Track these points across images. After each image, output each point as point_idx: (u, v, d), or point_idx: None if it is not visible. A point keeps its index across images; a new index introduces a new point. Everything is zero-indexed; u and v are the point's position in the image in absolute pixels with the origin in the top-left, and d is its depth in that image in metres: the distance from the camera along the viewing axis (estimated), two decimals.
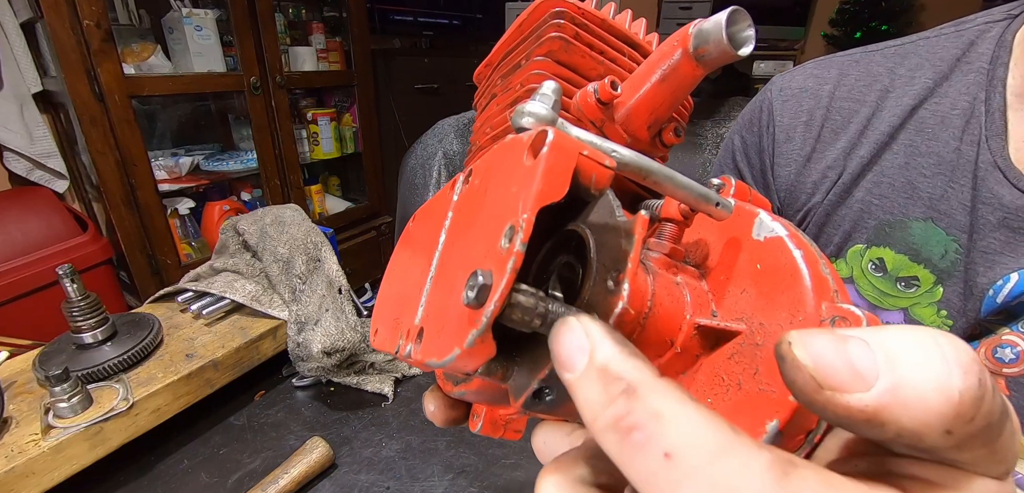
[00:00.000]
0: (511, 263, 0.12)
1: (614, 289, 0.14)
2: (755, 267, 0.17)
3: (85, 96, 1.37)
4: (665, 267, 0.18)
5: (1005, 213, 0.36)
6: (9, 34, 1.42)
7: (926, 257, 0.39)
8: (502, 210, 0.14)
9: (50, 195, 1.55)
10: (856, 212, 0.43)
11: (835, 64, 0.47)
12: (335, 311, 0.70)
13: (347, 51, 2.08)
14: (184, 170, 1.74)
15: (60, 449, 0.51)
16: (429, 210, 0.21)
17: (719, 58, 0.17)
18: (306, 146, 2.05)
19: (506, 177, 0.15)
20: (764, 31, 2.89)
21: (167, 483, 0.58)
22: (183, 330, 0.69)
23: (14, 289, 1.31)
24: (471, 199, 0.17)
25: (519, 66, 0.22)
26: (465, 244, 0.16)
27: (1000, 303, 0.36)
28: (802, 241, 0.17)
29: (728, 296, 0.18)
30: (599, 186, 0.14)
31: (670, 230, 0.18)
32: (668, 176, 0.17)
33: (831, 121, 0.45)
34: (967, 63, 0.40)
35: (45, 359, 0.58)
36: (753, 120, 0.50)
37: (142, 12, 1.65)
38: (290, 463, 0.56)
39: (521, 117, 0.15)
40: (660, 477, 0.10)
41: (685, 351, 0.17)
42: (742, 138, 0.52)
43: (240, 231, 0.79)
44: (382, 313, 0.21)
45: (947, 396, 0.10)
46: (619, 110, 0.19)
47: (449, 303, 0.15)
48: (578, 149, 0.14)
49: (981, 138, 0.38)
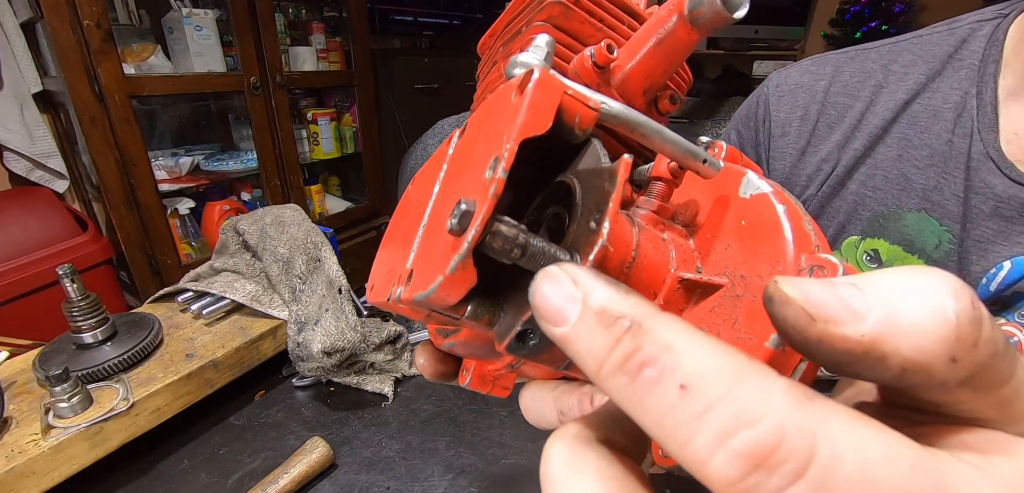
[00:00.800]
0: (492, 189, 0.13)
1: (595, 228, 0.14)
2: (740, 223, 0.17)
3: (85, 96, 1.37)
4: (653, 223, 0.18)
5: (997, 202, 0.37)
6: (9, 34, 1.42)
7: (920, 247, 0.40)
8: (489, 147, 0.14)
9: (50, 195, 1.55)
10: (850, 204, 0.43)
11: (830, 61, 0.48)
12: (335, 311, 0.70)
13: (347, 51, 2.08)
14: (184, 170, 1.74)
15: (60, 449, 0.51)
16: (427, 170, 0.21)
17: (713, 20, 0.17)
18: (306, 146, 2.05)
19: (495, 118, 0.15)
20: (764, 31, 2.89)
21: (167, 483, 0.58)
22: (183, 330, 0.69)
23: (14, 289, 1.31)
24: (464, 149, 0.18)
25: (520, 33, 0.22)
26: (457, 183, 0.16)
27: (994, 291, 0.36)
28: (786, 198, 0.17)
29: (714, 252, 0.18)
30: (583, 127, 0.15)
31: (659, 188, 0.19)
32: (656, 130, 0.17)
33: (826, 116, 0.46)
34: (959, 60, 0.41)
35: (45, 359, 0.58)
36: (750, 115, 0.51)
37: (142, 12, 1.64)
38: (290, 463, 0.56)
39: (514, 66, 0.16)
40: (678, 412, 0.09)
41: (668, 303, 0.17)
42: (739, 133, 0.53)
43: (240, 231, 0.79)
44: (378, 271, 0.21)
45: (944, 317, 0.10)
46: (615, 75, 0.20)
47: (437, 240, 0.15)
48: (563, 89, 0.14)
49: (973, 131, 0.38)
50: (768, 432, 0.09)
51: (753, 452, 0.09)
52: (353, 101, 2.14)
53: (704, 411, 0.09)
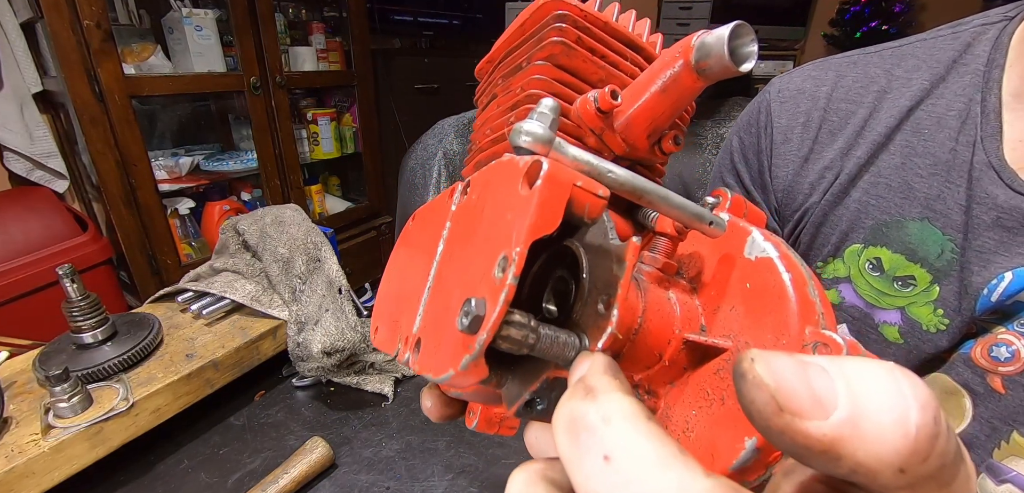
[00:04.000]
0: (503, 295, 0.13)
1: (604, 313, 0.14)
2: (745, 286, 0.17)
3: (85, 96, 1.37)
4: (657, 281, 0.18)
5: (999, 213, 0.36)
6: (9, 34, 1.42)
7: (923, 256, 0.40)
8: (497, 235, 0.14)
9: (50, 195, 1.55)
10: (853, 212, 0.43)
11: (833, 66, 0.48)
12: (335, 311, 0.70)
13: (347, 51, 2.08)
14: (184, 170, 1.74)
15: (60, 449, 0.51)
16: (428, 213, 0.21)
17: (720, 73, 0.17)
18: (306, 146, 2.05)
19: (502, 201, 0.15)
20: (764, 31, 2.89)
21: (167, 483, 0.58)
22: (183, 330, 0.69)
23: (14, 289, 1.31)
24: (468, 213, 0.18)
25: (520, 68, 0.21)
26: (462, 260, 0.16)
27: (994, 302, 0.36)
28: (793, 263, 0.17)
29: (719, 312, 0.18)
30: (592, 216, 0.15)
31: (664, 245, 0.19)
32: (662, 197, 0.17)
33: (828, 122, 0.45)
34: (963, 65, 0.40)
35: (45, 359, 0.58)
36: (751, 122, 0.51)
37: (142, 12, 1.64)
38: (290, 463, 0.56)
39: (519, 136, 0.15)
40: (596, 479, 0.10)
41: (673, 364, 0.17)
42: (740, 139, 0.52)
43: (240, 231, 0.79)
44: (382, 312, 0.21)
45: (904, 430, 0.10)
46: (619, 118, 0.19)
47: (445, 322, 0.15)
48: (572, 180, 0.14)
49: (977, 139, 0.38)
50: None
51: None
52: (353, 101, 2.14)
53: (620, 486, 0.10)
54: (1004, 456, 0.37)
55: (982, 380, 0.37)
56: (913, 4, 2.62)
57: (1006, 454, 0.37)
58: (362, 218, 2.25)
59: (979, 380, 0.37)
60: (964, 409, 0.38)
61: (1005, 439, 0.37)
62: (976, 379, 0.38)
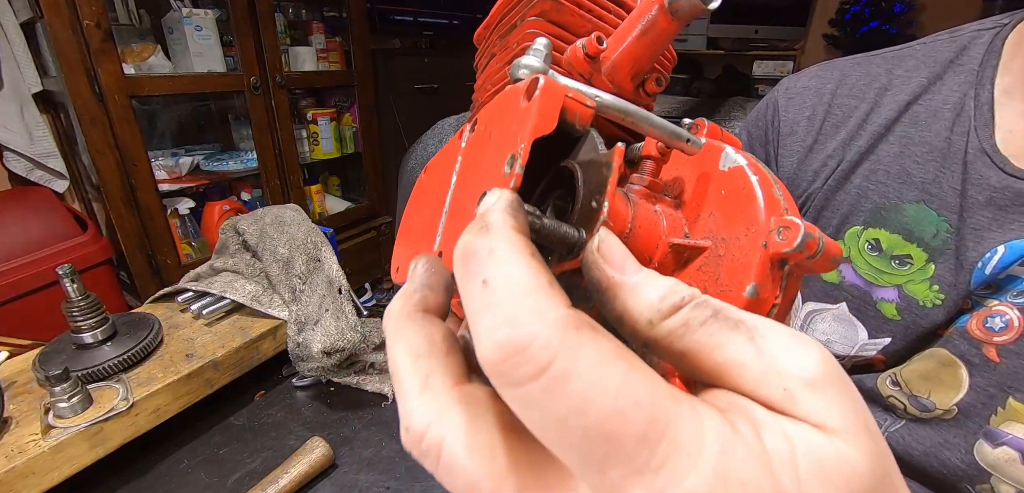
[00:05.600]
0: (512, 182, 0.15)
1: (597, 207, 0.17)
2: (720, 193, 0.20)
3: (85, 96, 1.37)
4: (645, 198, 0.21)
5: (992, 193, 0.39)
6: (9, 34, 1.42)
7: (919, 237, 0.42)
8: (504, 144, 0.17)
9: (50, 195, 1.55)
10: (853, 197, 0.46)
11: (838, 67, 0.51)
12: (335, 311, 0.70)
13: (347, 51, 2.08)
14: (184, 170, 1.74)
15: (60, 449, 0.51)
16: (439, 160, 0.23)
17: (691, 12, 0.19)
18: (306, 146, 2.05)
19: (506, 118, 0.17)
20: (764, 31, 2.89)
21: (167, 483, 0.58)
22: (183, 330, 0.69)
23: (14, 289, 1.31)
24: (478, 143, 0.20)
25: (515, 26, 0.24)
26: (475, 177, 0.19)
27: (988, 274, 0.39)
28: (759, 168, 0.19)
29: (699, 220, 0.21)
30: (583, 123, 0.17)
31: (649, 165, 0.21)
32: (644, 117, 0.19)
33: (832, 116, 0.49)
34: (959, 64, 0.44)
35: (45, 359, 0.58)
36: (760, 117, 0.54)
37: (142, 12, 1.64)
38: (290, 463, 0.56)
39: (518, 69, 0.18)
40: (475, 299, 0.12)
41: (662, 266, 0.20)
42: (749, 133, 0.56)
43: (240, 231, 0.79)
44: (401, 250, 0.23)
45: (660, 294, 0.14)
46: (605, 63, 0.21)
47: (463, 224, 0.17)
48: (564, 92, 0.17)
49: (970, 128, 0.41)
50: (521, 337, 0.11)
51: (505, 347, 0.11)
52: (353, 101, 2.13)
53: (490, 305, 0.12)
54: (1001, 422, 0.39)
55: (978, 351, 0.40)
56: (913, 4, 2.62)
57: (1002, 420, 0.39)
58: (362, 218, 2.25)
59: (975, 351, 0.40)
60: (961, 380, 0.41)
61: (1001, 405, 0.39)
62: (972, 351, 0.40)
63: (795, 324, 0.51)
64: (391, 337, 0.15)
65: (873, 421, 0.13)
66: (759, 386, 0.13)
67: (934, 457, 0.43)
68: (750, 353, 0.13)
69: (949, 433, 0.42)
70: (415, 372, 0.14)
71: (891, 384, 0.45)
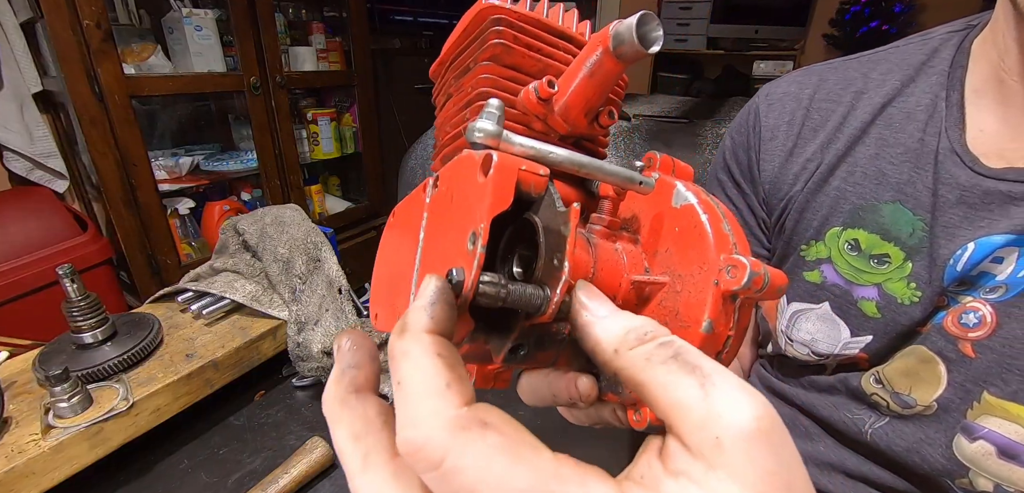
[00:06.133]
0: (475, 262, 0.16)
1: (558, 265, 0.18)
2: (674, 230, 0.22)
3: (85, 96, 1.37)
4: (605, 236, 0.22)
5: (962, 191, 0.40)
6: (9, 34, 1.42)
7: (896, 236, 0.44)
8: (465, 217, 0.18)
9: (50, 195, 1.55)
10: (833, 198, 0.47)
11: (816, 72, 0.53)
12: (335, 311, 0.70)
13: (347, 51, 2.08)
14: (184, 170, 1.74)
15: (60, 449, 0.51)
16: (407, 207, 0.25)
17: (634, 56, 0.20)
18: (306, 146, 2.05)
19: (465, 189, 0.19)
20: (764, 31, 2.89)
21: (167, 483, 0.58)
22: (183, 330, 0.70)
23: (14, 289, 1.31)
24: (440, 203, 0.21)
25: (468, 69, 0.24)
26: (441, 241, 0.20)
27: (960, 271, 0.40)
28: (709, 205, 0.21)
29: (657, 255, 0.22)
30: (538, 191, 0.18)
31: (607, 205, 0.22)
32: (597, 167, 0.21)
33: (811, 120, 0.50)
34: (931, 66, 0.45)
35: (45, 359, 0.59)
36: (742, 123, 0.56)
37: (142, 12, 1.64)
38: (290, 463, 0.56)
39: (473, 133, 0.19)
40: (395, 397, 0.15)
41: (626, 303, 0.21)
42: (732, 139, 0.57)
43: (240, 231, 0.79)
44: (379, 299, 0.25)
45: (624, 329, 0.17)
46: (557, 103, 0.22)
47: None
48: (518, 165, 0.18)
49: (941, 129, 0.42)
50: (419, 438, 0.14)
51: (408, 445, 0.14)
52: (353, 101, 2.14)
53: (400, 404, 0.14)
54: (977, 416, 0.40)
55: (955, 347, 0.41)
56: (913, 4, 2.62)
57: (978, 413, 0.40)
58: (362, 218, 2.25)
59: (952, 348, 0.41)
60: (939, 376, 0.42)
61: (977, 399, 0.40)
62: (949, 347, 0.41)
63: (780, 323, 0.51)
64: (331, 422, 0.17)
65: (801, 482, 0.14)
66: (695, 430, 0.14)
67: (916, 453, 0.43)
68: (697, 398, 0.14)
69: (930, 429, 0.43)
70: (355, 452, 0.16)
71: (874, 382, 0.46)
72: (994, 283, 0.39)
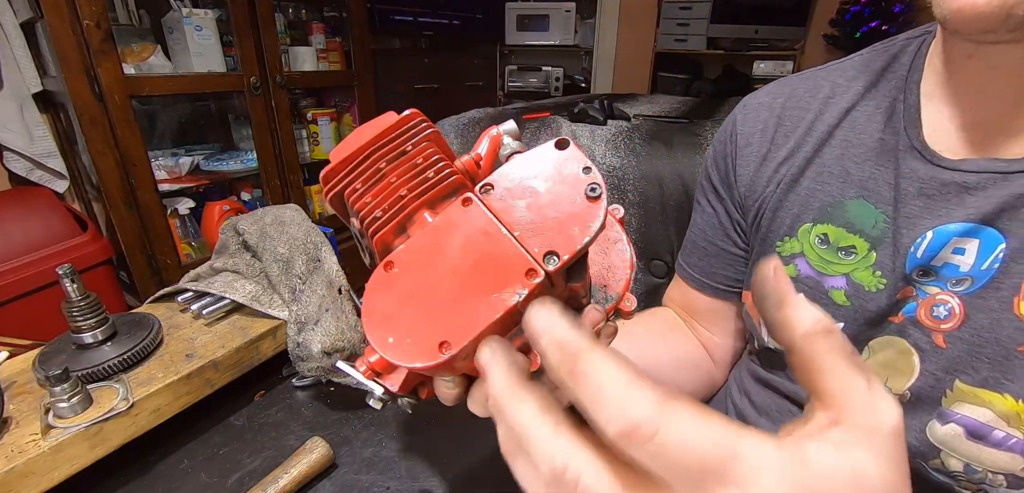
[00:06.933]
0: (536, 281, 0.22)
1: None
2: None
3: (85, 96, 1.37)
4: None
5: (921, 184, 0.43)
6: (9, 34, 1.42)
7: (860, 228, 0.47)
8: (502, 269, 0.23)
9: (50, 195, 1.55)
10: (803, 197, 0.51)
11: (788, 83, 0.57)
12: (335, 311, 0.70)
13: (347, 51, 2.08)
14: (184, 170, 1.74)
15: (60, 449, 0.51)
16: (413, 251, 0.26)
17: None
18: (306, 146, 2.05)
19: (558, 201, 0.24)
20: (764, 31, 2.89)
21: (167, 483, 0.58)
22: (183, 330, 0.69)
23: (14, 289, 1.31)
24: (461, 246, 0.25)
25: (405, 152, 0.30)
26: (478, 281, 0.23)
27: (920, 258, 0.43)
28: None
29: None
30: None
31: None
32: None
33: (783, 127, 0.54)
34: (891, 71, 0.49)
35: (45, 359, 0.58)
36: (722, 133, 0.61)
37: (142, 12, 1.65)
38: (290, 463, 0.56)
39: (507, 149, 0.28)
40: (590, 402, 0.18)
41: None
42: (714, 147, 0.62)
43: (240, 231, 0.79)
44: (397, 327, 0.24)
45: None
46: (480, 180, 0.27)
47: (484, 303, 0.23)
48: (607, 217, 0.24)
49: (900, 127, 0.46)
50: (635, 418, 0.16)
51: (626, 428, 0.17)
52: (353, 101, 2.14)
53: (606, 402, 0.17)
54: (951, 403, 0.43)
55: (928, 339, 0.44)
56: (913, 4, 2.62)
57: (951, 401, 0.43)
58: None
59: (926, 339, 0.44)
60: (913, 366, 0.45)
61: (949, 388, 0.43)
62: (923, 338, 0.44)
63: None
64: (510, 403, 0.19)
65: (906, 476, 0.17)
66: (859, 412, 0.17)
67: None
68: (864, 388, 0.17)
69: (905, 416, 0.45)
70: (545, 423, 0.18)
71: None
72: (959, 275, 0.42)
